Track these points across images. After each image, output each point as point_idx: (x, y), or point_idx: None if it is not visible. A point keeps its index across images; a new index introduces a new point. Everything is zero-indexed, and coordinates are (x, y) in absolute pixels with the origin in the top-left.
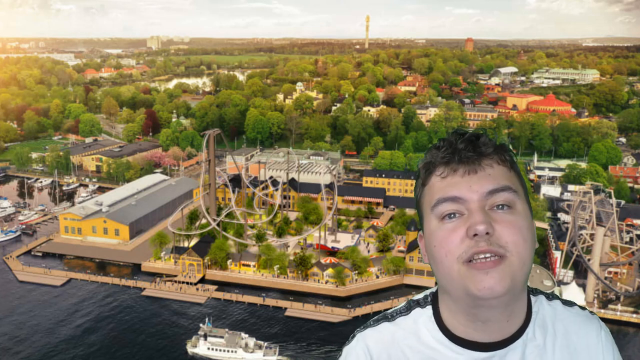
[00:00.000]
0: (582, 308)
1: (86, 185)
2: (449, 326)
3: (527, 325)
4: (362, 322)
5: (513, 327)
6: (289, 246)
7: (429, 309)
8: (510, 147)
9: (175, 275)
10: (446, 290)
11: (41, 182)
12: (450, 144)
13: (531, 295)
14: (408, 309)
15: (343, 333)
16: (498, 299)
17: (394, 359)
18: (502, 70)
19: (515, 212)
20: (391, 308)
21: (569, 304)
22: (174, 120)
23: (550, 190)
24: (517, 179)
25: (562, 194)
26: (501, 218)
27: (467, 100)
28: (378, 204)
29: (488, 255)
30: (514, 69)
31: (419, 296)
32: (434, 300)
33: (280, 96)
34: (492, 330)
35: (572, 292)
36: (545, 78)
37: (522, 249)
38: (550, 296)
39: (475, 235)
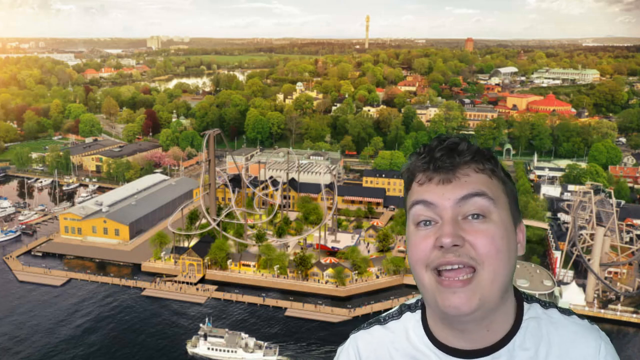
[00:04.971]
0: (581, 317)
1: (86, 185)
2: (433, 331)
3: (515, 333)
4: (362, 322)
5: (496, 335)
6: (289, 246)
7: (418, 314)
8: (510, 147)
9: (175, 275)
10: (423, 296)
11: (41, 182)
12: (429, 150)
13: (524, 303)
14: (400, 313)
15: (343, 333)
16: (468, 316)
17: None
18: (502, 70)
19: (488, 221)
20: (385, 311)
21: (566, 312)
22: (174, 120)
23: (550, 190)
24: (500, 186)
25: (562, 194)
26: (473, 228)
27: (467, 100)
28: (378, 204)
29: (456, 266)
30: (514, 69)
31: (411, 301)
32: (423, 305)
33: (280, 96)
34: (472, 339)
35: (572, 292)
36: (545, 78)
37: (494, 260)
38: (547, 304)
39: (442, 246)
